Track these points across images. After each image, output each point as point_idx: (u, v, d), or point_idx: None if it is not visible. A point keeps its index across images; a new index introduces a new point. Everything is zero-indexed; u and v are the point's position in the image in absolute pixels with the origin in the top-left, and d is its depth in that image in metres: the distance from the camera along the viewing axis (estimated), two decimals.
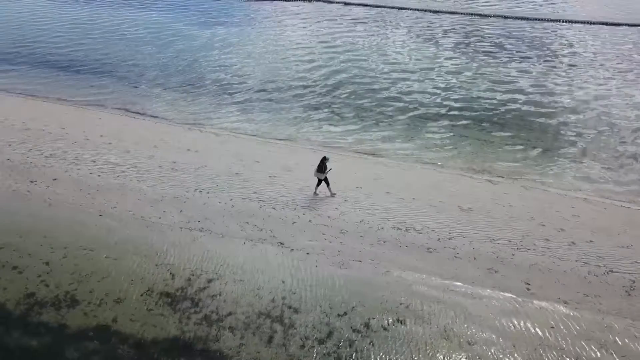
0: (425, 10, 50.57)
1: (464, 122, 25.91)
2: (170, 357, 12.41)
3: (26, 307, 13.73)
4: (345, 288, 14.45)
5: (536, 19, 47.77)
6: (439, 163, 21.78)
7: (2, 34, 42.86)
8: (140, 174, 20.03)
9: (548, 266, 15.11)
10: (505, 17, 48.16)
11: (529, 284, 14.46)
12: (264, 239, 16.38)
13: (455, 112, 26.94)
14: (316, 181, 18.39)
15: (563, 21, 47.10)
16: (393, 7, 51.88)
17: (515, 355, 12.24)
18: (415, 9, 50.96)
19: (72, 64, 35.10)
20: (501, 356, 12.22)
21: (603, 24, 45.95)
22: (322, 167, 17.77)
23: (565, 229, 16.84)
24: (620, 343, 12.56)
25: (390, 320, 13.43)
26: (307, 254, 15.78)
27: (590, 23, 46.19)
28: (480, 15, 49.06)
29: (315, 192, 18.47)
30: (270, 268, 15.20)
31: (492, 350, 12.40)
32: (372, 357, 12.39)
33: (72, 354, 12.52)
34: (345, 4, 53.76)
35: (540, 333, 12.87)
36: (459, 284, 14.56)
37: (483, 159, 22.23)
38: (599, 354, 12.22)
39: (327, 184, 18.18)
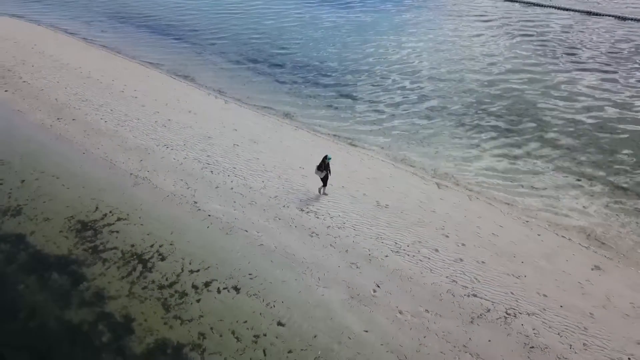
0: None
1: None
2: (46, 270, 15.20)
3: None
4: (215, 250, 15.77)
5: None
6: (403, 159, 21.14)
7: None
8: (136, 125, 23.21)
9: (412, 275, 14.54)
10: None
11: (378, 287, 14.21)
12: (184, 196, 18.28)
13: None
14: (318, 179, 18.18)
15: None
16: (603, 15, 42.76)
17: (317, 345, 12.58)
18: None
19: (167, 29, 40.09)
20: (302, 344, 12.66)
21: None
22: (322, 165, 17.27)
23: (468, 245, 15.70)
24: None
25: (229, 286, 14.48)
26: (209, 215, 17.33)
27: None
28: None
29: (319, 191, 18.12)
30: (170, 220, 17.13)
31: (298, 338, 12.88)
32: (190, 312, 13.70)
33: None
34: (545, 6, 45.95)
35: (350, 333, 12.87)
36: (314, 271, 14.87)
37: (461, 165, 20.90)
38: None
39: (324, 184, 17.76)
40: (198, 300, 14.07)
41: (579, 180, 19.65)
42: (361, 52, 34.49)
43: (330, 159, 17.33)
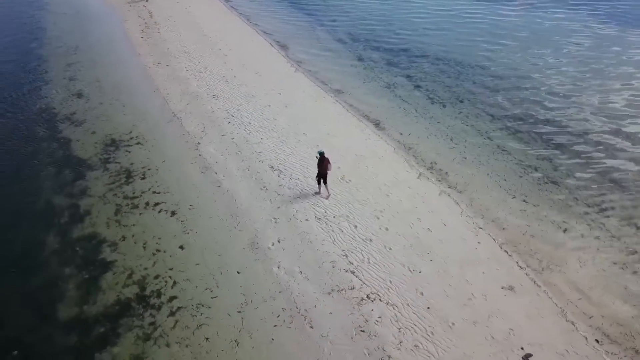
0: None
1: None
2: (65, 167, 19.48)
3: (52, 116, 22.98)
4: (182, 182, 18.29)
5: None
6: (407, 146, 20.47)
7: None
8: (206, 77, 26.75)
9: (313, 240, 14.94)
10: None
11: (278, 242, 15.06)
12: (195, 136, 21.09)
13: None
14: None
15: None
16: None
17: (193, 271, 14.38)
18: None
19: (304, 6, 42.88)
20: (183, 267, 14.56)
21: None
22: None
23: (391, 231, 15.23)
24: (251, 329, 12.81)
25: (170, 210, 16.90)
26: (199, 155, 19.87)
27: None
28: None
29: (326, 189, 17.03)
30: (170, 151, 20.16)
31: (184, 262, 14.77)
32: (128, 220, 16.49)
33: (44, 144, 21.05)
34: None
35: (224, 270, 14.22)
36: (240, 216, 16.31)
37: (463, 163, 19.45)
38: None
39: (319, 182, 16.83)
40: (141, 214, 16.72)
41: (598, 213, 16.84)
42: (464, 50, 32.70)
43: (319, 153, 16.17)
